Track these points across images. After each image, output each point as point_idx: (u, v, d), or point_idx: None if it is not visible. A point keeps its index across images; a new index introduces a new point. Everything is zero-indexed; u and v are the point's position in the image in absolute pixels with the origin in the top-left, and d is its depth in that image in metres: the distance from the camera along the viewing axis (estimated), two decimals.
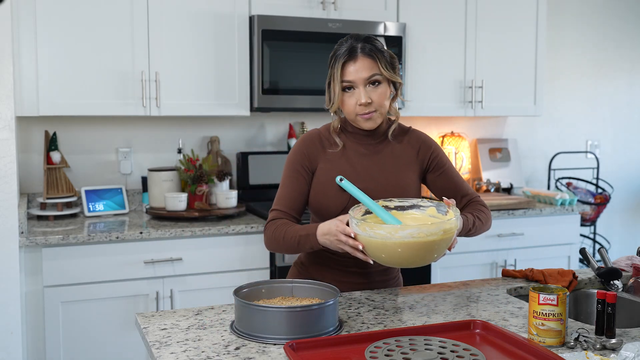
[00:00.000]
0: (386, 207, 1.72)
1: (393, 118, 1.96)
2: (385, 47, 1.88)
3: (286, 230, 1.82)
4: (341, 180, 1.71)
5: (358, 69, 1.80)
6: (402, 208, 1.74)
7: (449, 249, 1.66)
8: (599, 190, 4.43)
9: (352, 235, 1.62)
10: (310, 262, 1.96)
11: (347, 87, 1.82)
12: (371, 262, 1.65)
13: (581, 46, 4.51)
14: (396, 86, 1.89)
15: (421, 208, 1.74)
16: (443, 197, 1.76)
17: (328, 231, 1.69)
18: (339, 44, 1.86)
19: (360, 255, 1.64)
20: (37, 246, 2.75)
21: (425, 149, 1.96)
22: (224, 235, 3.00)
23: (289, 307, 1.48)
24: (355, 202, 1.78)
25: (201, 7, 3.18)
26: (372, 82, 1.81)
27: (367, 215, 1.72)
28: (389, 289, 1.94)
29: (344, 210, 1.81)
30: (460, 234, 1.77)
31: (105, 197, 3.31)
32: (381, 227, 1.56)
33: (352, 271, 1.91)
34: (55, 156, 3.20)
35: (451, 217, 1.64)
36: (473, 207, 1.92)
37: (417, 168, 1.94)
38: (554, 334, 1.46)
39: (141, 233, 2.88)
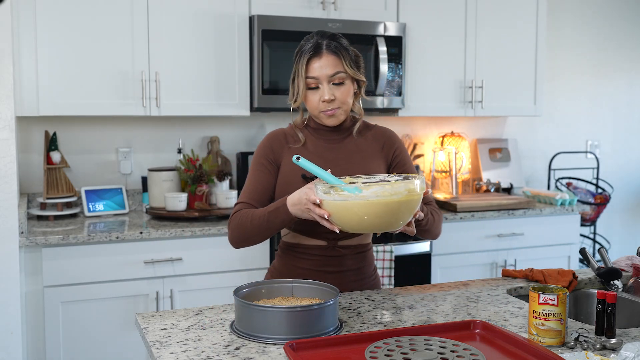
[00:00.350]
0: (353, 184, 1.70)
1: (357, 116, 1.94)
2: (350, 46, 1.87)
3: (252, 214, 1.79)
4: (298, 159, 1.67)
5: (322, 66, 1.81)
6: (370, 185, 1.71)
7: (415, 216, 1.63)
8: (599, 190, 4.43)
9: (318, 202, 1.59)
10: (282, 266, 1.94)
11: (312, 83, 1.82)
12: (337, 230, 1.61)
13: (581, 46, 4.51)
14: (359, 84, 1.89)
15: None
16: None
17: (298, 201, 1.67)
18: (304, 40, 1.86)
19: (327, 225, 1.60)
20: (37, 246, 2.75)
21: (390, 144, 1.96)
22: (224, 235, 3.00)
23: (289, 307, 1.48)
24: None
25: (201, 7, 3.18)
26: (336, 79, 1.81)
27: None
28: (389, 289, 1.94)
29: None
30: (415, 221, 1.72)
31: (105, 197, 3.31)
32: (345, 188, 1.55)
33: (326, 271, 1.88)
34: (55, 156, 3.20)
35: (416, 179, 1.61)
36: (428, 207, 1.89)
37: (383, 162, 1.93)
38: (554, 334, 1.46)
39: (141, 233, 2.88)
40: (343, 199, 1.54)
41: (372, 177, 1.74)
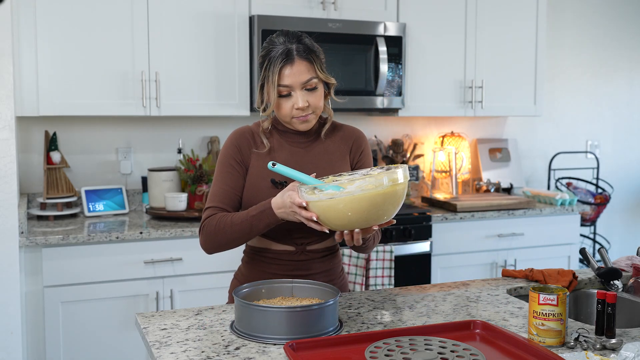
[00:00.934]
0: None
1: (325, 117, 1.90)
2: (315, 44, 1.80)
3: (232, 218, 1.73)
4: (274, 165, 1.64)
5: (295, 73, 1.73)
6: (353, 180, 1.70)
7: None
8: (599, 190, 4.43)
9: (304, 204, 1.57)
10: (249, 272, 1.89)
11: (283, 91, 1.75)
12: (327, 231, 1.60)
13: (581, 46, 4.51)
14: (329, 85, 1.83)
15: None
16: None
17: (282, 204, 1.64)
18: (270, 43, 1.77)
19: (316, 227, 1.58)
20: (37, 246, 2.75)
21: (357, 146, 1.92)
22: None
23: (289, 307, 1.48)
24: None
25: (201, 7, 3.18)
26: (309, 85, 1.76)
27: None
28: (389, 289, 1.94)
29: None
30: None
31: (105, 197, 3.31)
32: (330, 186, 1.53)
33: (295, 275, 1.84)
34: (55, 156, 3.20)
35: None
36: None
37: (349, 163, 1.90)
38: (554, 334, 1.46)
39: (141, 233, 2.88)
40: (329, 197, 1.52)
41: (355, 172, 1.71)
